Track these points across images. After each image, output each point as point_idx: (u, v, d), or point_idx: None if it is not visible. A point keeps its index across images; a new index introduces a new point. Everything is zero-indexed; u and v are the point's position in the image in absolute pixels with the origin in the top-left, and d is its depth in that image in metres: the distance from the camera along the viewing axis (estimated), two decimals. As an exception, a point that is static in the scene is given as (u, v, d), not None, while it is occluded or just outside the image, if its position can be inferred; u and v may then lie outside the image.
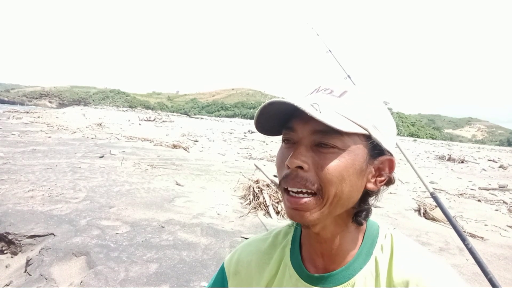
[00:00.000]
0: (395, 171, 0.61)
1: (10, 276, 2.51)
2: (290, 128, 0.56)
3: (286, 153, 0.57)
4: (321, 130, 0.53)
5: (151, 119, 22.13)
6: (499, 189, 7.65)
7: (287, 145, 0.58)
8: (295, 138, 0.56)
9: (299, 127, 0.55)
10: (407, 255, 0.57)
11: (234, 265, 0.73)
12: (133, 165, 6.40)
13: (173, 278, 2.40)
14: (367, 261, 0.58)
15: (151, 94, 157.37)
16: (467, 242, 0.88)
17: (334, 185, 0.52)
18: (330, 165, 0.52)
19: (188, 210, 4.03)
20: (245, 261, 0.72)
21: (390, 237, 0.61)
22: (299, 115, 0.54)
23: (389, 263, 0.57)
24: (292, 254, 0.67)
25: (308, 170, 0.53)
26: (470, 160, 13.98)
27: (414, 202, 5.60)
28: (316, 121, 0.51)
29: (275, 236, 0.73)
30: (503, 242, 3.98)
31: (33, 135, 9.44)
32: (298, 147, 0.55)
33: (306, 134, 0.54)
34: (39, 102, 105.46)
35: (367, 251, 0.59)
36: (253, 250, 0.73)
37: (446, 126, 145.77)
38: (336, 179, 0.52)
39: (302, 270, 0.63)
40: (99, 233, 3.03)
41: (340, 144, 0.53)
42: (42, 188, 4.26)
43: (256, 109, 0.58)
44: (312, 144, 0.54)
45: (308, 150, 0.54)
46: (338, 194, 0.53)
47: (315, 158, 0.54)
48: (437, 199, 1.06)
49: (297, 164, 0.53)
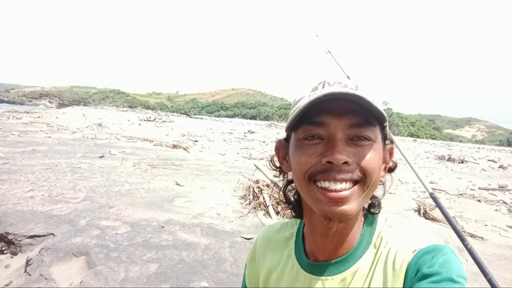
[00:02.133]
0: (394, 172, 0.65)
1: (10, 276, 2.51)
2: (318, 123, 0.55)
3: (313, 151, 0.56)
4: (359, 123, 0.54)
5: (151, 119, 22.11)
6: (499, 189, 7.65)
7: (312, 142, 0.56)
8: (324, 133, 0.55)
9: (332, 122, 0.54)
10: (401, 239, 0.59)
11: (251, 253, 0.78)
12: (133, 165, 6.40)
13: (173, 278, 2.40)
14: (367, 248, 0.60)
15: (151, 94, 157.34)
16: (466, 243, 0.88)
17: (376, 173, 0.56)
18: (370, 157, 0.55)
19: (188, 210, 4.03)
20: (257, 247, 0.77)
21: (389, 223, 0.63)
22: (329, 109, 0.55)
23: (386, 247, 0.59)
24: (296, 246, 0.69)
25: (351, 163, 0.54)
26: (470, 160, 13.98)
27: (414, 202, 5.60)
28: (352, 114, 0.54)
29: (282, 225, 0.76)
30: (503, 242, 3.98)
31: (33, 135, 9.44)
32: (336, 142, 0.54)
33: (340, 128, 0.54)
34: (39, 102, 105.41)
35: (367, 239, 0.61)
36: (263, 236, 0.77)
37: (446, 126, 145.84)
38: (377, 168, 0.56)
39: (304, 260, 0.65)
40: (99, 233, 3.03)
41: (373, 136, 0.56)
42: (42, 188, 4.26)
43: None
44: (347, 138, 0.55)
45: (345, 145, 0.54)
46: (376, 182, 0.57)
47: (354, 151, 0.54)
48: (436, 200, 1.06)
49: (344, 160, 0.53)
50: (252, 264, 0.77)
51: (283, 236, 0.73)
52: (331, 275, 0.60)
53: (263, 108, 60.78)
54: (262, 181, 4.92)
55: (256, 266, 0.76)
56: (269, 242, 0.74)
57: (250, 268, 0.77)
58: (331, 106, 0.54)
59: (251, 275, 0.77)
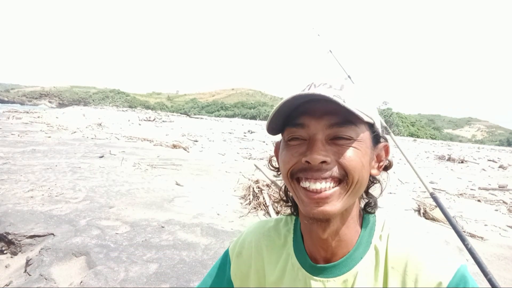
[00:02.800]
0: (394, 171, 0.64)
1: (10, 276, 2.51)
2: (299, 124, 0.56)
3: (295, 150, 0.57)
4: (338, 122, 0.55)
5: (151, 119, 22.12)
6: (499, 189, 7.65)
7: (295, 142, 0.58)
8: (305, 134, 0.56)
9: (312, 123, 0.55)
10: (400, 238, 0.59)
11: (238, 247, 0.75)
12: (133, 165, 6.40)
13: (173, 278, 2.40)
14: (367, 250, 0.60)
15: (151, 94, 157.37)
16: (466, 243, 0.88)
17: (358, 171, 0.55)
18: (351, 155, 0.54)
19: (188, 210, 4.02)
20: (247, 241, 0.74)
21: (388, 225, 0.63)
22: (310, 110, 0.56)
23: (386, 250, 0.59)
24: (295, 244, 0.68)
25: (330, 162, 0.54)
26: (470, 160, 13.98)
27: (414, 202, 5.60)
28: (331, 115, 0.55)
29: (277, 221, 0.74)
30: (503, 242, 3.98)
31: (33, 135, 9.44)
32: (314, 143, 0.55)
33: (320, 129, 0.55)
34: (39, 102, 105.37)
35: (366, 240, 0.61)
36: (254, 231, 0.75)
37: (446, 126, 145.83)
38: (359, 166, 0.55)
39: (306, 260, 0.64)
40: (99, 233, 3.03)
41: (354, 135, 0.55)
42: (42, 188, 4.26)
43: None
44: (327, 138, 0.55)
45: (325, 144, 0.55)
46: (360, 180, 0.56)
47: (334, 150, 0.55)
48: (437, 200, 1.06)
49: (321, 160, 0.53)
50: (239, 260, 0.74)
51: (280, 233, 0.71)
52: (332, 276, 0.60)
53: (263, 108, 60.87)
54: (262, 181, 4.92)
55: (244, 261, 0.73)
56: (264, 238, 0.72)
57: (237, 263, 0.74)
58: (312, 108, 0.55)
59: (237, 270, 0.74)
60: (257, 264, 0.71)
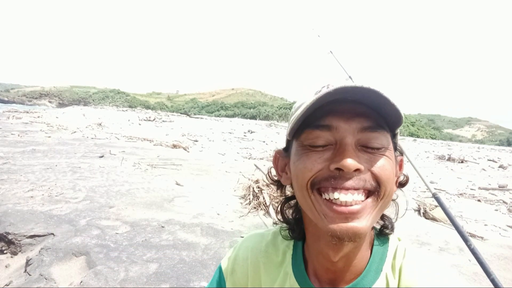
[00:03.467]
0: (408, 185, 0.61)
1: (10, 276, 2.50)
2: (325, 126, 0.49)
3: (318, 156, 0.49)
4: (371, 126, 0.49)
5: (151, 119, 22.11)
6: (499, 189, 7.65)
7: (317, 147, 0.50)
8: (332, 138, 0.49)
9: (341, 125, 0.48)
10: (417, 273, 0.52)
11: (231, 263, 0.68)
12: (133, 165, 6.40)
13: (173, 278, 2.39)
14: (377, 278, 0.54)
15: (151, 94, 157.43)
16: (469, 243, 0.88)
17: (390, 183, 0.50)
18: (384, 165, 0.49)
19: (188, 210, 4.02)
20: (241, 258, 0.67)
21: (403, 252, 0.56)
22: (338, 111, 0.49)
23: (398, 281, 0.53)
24: (295, 262, 0.61)
25: (363, 171, 0.48)
26: (470, 160, 13.98)
27: (414, 202, 5.60)
28: (363, 117, 0.48)
29: (275, 235, 0.68)
30: (503, 242, 3.98)
31: (33, 135, 9.44)
32: (346, 147, 0.47)
33: (350, 132, 0.48)
34: (39, 102, 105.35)
35: (377, 267, 0.55)
36: (250, 246, 0.68)
37: (446, 126, 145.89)
38: (392, 177, 0.50)
39: (306, 282, 0.58)
40: (99, 233, 3.03)
41: (385, 142, 0.50)
42: (42, 188, 4.25)
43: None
44: (357, 144, 0.49)
45: (355, 150, 0.48)
46: (390, 193, 0.51)
47: (366, 158, 0.48)
48: (439, 200, 1.06)
49: (356, 167, 0.46)
50: (234, 277, 0.67)
51: (278, 249, 0.65)
52: None
53: (263, 108, 60.84)
54: (262, 181, 4.92)
55: (239, 279, 0.66)
56: (261, 255, 0.65)
57: (232, 281, 0.67)
58: (339, 108, 0.48)
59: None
60: (254, 283, 0.65)
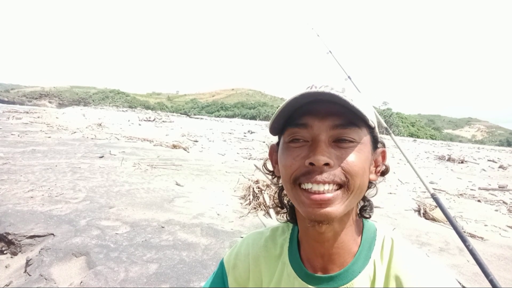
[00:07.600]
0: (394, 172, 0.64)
1: (10, 276, 2.50)
2: (302, 124, 0.55)
3: (296, 154, 0.56)
4: (342, 124, 0.54)
5: (151, 119, 22.12)
6: (499, 189, 7.65)
7: (296, 144, 0.57)
8: (308, 135, 0.55)
9: (315, 123, 0.54)
10: (406, 260, 0.57)
11: (233, 259, 0.74)
12: (133, 165, 6.40)
13: (173, 278, 2.39)
14: (366, 264, 0.59)
15: (151, 94, 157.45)
16: (468, 243, 0.88)
17: (359, 176, 0.55)
18: (354, 159, 0.54)
19: (188, 210, 4.02)
20: (243, 254, 0.73)
21: (390, 241, 0.61)
22: (313, 111, 0.55)
23: (387, 267, 0.57)
24: (291, 252, 0.67)
25: (333, 165, 0.53)
26: (470, 160, 13.97)
27: (414, 202, 5.60)
28: (336, 116, 0.54)
29: (273, 231, 0.73)
30: (503, 242, 3.98)
31: (33, 135, 9.44)
32: (318, 144, 0.54)
33: (323, 130, 0.54)
34: (39, 102, 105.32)
35: (366, 253, 0.60)
36: (251, 242, 0.74)
37: (446, 126, 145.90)
38: (361, 171, 0.55)
39: (301, 269, 0.63)
40: (99, 233, 3.03)
41: (357, 137, 0.55)
42: (42, 188, 4.25)
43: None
44: (330, 140, 0.55)
45: (328, 146, 0.54)
46: (361, 185, 0.55)
47: (337, 153, 0.54)
48: (438, 200, 1.06)
49: (325, 161, 0.52)
50: (236, 272, 0.72)
51: (276, 243, 0.70)
52: (329, 287, 0.59)
53: (263, 108, 60.87)
54: (262, 181, 4.92)
55: (241, 274, 0.72)
56: (261, 250, 0.71)
57: (234, 275, 0.72)
58: (315, 108, 0.55)
59: (235, 283, 0.72)
60: (255, 276, 0.70)
